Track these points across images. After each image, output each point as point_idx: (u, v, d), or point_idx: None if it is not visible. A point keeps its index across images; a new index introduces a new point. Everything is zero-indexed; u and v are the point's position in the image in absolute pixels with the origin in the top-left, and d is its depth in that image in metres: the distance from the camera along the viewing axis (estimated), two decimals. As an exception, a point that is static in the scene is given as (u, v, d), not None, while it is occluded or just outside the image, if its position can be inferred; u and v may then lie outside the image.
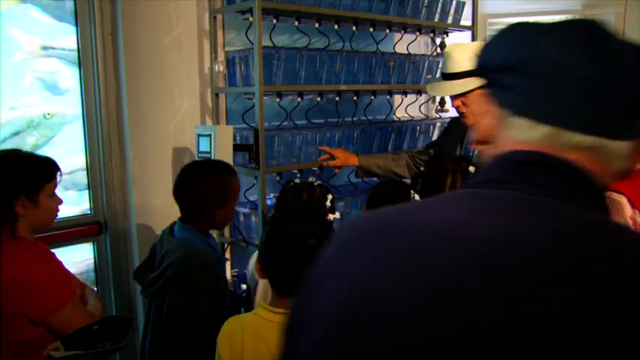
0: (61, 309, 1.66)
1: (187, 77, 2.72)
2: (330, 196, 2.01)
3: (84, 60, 2.51)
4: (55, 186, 1.79)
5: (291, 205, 1.61)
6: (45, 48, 2.44)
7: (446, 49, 2.30)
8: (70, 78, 2.51)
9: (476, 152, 2.29)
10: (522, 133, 0.69)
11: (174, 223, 1.99)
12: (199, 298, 1.63)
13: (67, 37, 2.48)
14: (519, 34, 0.72)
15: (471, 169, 1.80)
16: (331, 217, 1.92)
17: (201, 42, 2.75)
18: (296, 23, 2.64)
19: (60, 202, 1.82)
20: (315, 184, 2.09)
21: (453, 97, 2.25)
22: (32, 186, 1.71)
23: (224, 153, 2.34)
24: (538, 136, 0.67)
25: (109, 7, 2.53)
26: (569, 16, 2.88)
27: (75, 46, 2.50)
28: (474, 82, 2.19)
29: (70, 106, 2.52)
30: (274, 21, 2.55)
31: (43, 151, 2.50)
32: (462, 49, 2.26)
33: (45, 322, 1.66)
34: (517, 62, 0.70)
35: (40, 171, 1.74)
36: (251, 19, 2.45)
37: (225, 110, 2.81)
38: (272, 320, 1.34)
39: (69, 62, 2.50)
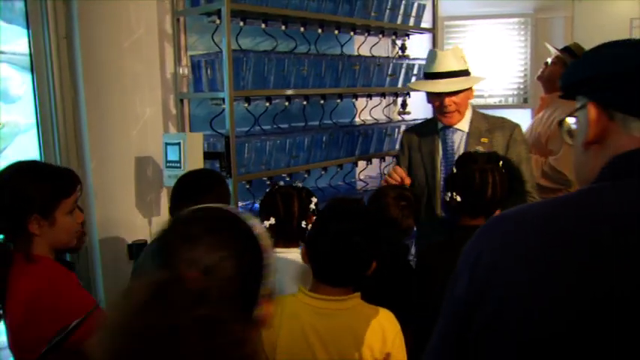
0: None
1: (149, 83, 2.59)
2: (314, 199, 1.98)
3: (37, 65, 2.34)
4: (75, 201, 1.60)
5: (341, 202, 1.65)
6: (-6, 52, 2.27)
7: (434, 50, 2.38)
8: (22, 85, 2.35)
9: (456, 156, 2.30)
10: None
11: None
12: None
13: (17, 40, 2.32)
14: (620, 49, 0.85)
15: (500, 163, 1.88)
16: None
17: (163, 45, 2.62)
18: (263, 26, 2.56)
19: (81, 218, 1.64)
20: (300, 186, 2.06)
21: (446, 95, 2.27)
22: (47, 203, 1.52)
23: (194, 162, 2.24)
24: None
25: (63, 7, 2.37)
26: (521, 19, 3.01)
27: (27, 51, 2.33)
28: (473, 80, 2.28)
29: (23, 114, 2.36)
30: (241, 23, 2.47)
31: (-6, 164, 2.32)
32: (454, 51, 2.32)
33: (79, 349, 1.51)
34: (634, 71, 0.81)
35: (56, 185, 1.55)
36: (217, 21, 2.36)
37: (188, 117, 2.70)
38: (307, 303, 1.47)
39: (21, 68, 2.34)
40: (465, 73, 2.30)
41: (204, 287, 0.71)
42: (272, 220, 1.89)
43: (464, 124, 2.37)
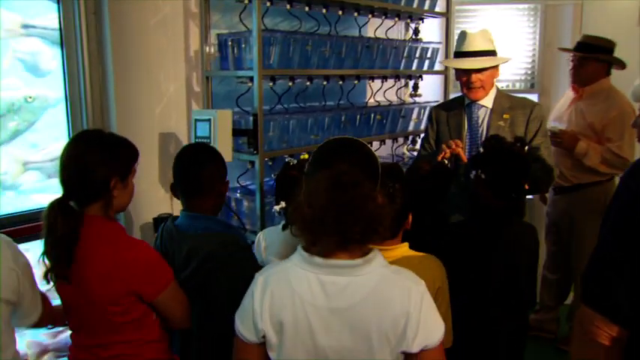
0: (168, 285, 1.66)
1: (174, 60, 2.63)
2: None
3: (67, 40, 2.37)
4: (136, 168, 1.77)
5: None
6: (25, 26, 2.29)
7: (465, 31, 2.58)
8: (52, 59, 2.37)
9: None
10: None
11: (173, 220, 1.94)
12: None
13: (48, 15, 2.33)
14: None
15: (526, 148, 2.03)
16: None
17: (187, 23, 2.66)
18: (288, 7, 2.61)
19: (134, 185, 1.79)
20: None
21: (472, 72, 2.49)
22: (125, 167, 1.68)
23: (224, 138, 2.30)
24: None
25: (92, -17, 2.40)
26: (531, 6, 3.22)
27: (57, 25, 2.36)
28: (497, 60, 2.54)
29: (53, 88, 2.38)
30: (268, 4, 2.51)
31: (25, 137, 2.36)
32: (482, 33, 2.55)
33: (153, 300, 1.65)
34: None
35: (129, 152, 1.72)
36: (246, 1, 2.41)
37: (211, 94, 2.74)
38: None
39: (51, 42, 2.36)
40: (491, 53, 2.53)
41: (355, 178, 1.27)
42: (283, 204, 1.96)
43: (488, 101, 2.58)
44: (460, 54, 2.55)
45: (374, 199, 1.27)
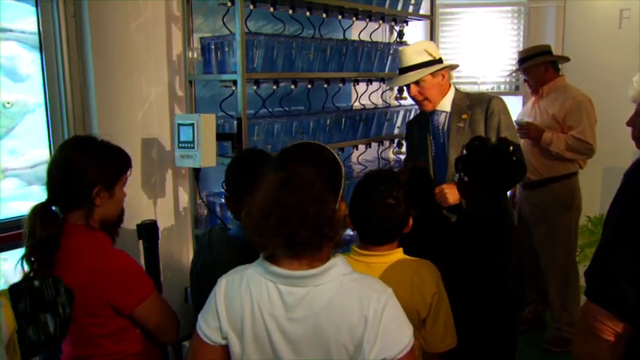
0: (146, 299, 1.62)
1: (156, 64, 2.59)
2: None
3: (46, 44, 2.32)
4: (127, 178, 1.73)
5: (376, 173, 1.85)
6: (2, 30, 2.24)
7: (399, 49, 2.68)
8: (30, 63, 2.32)
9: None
10: None
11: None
12: None
13: (26, 18, 2.28)
14: None
15: (511, 148, 2.06)
16: None
17: (170, 27, 2.62)
18: (271, 9, 2.58)
19: (125, 195, 1.74)
20: None
21: (409, 87, 2.58)
22: (111, 176, 1.65)
23: (208, 142, 2.27)
24: None
25: (71, -14, 2.36)
26: (515, 8, 3.27)
27: (35, 29, 2.30)
28: (424, 72, 2.53)
29: (32, 94, 2.33)
30: (251, 7, 2.48)
31: (3, 143, 2.31)
32: (412, 47, 2.63)
33: (131, 313, 1.61)
34: None
35: (118, 161, 1.69)
36: (229, 4, 2.38)
37: (194, 98, 2.71)
38: (359, 260, 1.70)
39: (29, 46, 2.31)
40: (425, 64, 2.52)
41: (307, 181, 1.22)
42: None
43: (446, 105, 2.62)
44: (399, 71, 2.64)
45: (325, 203, 1.22)
